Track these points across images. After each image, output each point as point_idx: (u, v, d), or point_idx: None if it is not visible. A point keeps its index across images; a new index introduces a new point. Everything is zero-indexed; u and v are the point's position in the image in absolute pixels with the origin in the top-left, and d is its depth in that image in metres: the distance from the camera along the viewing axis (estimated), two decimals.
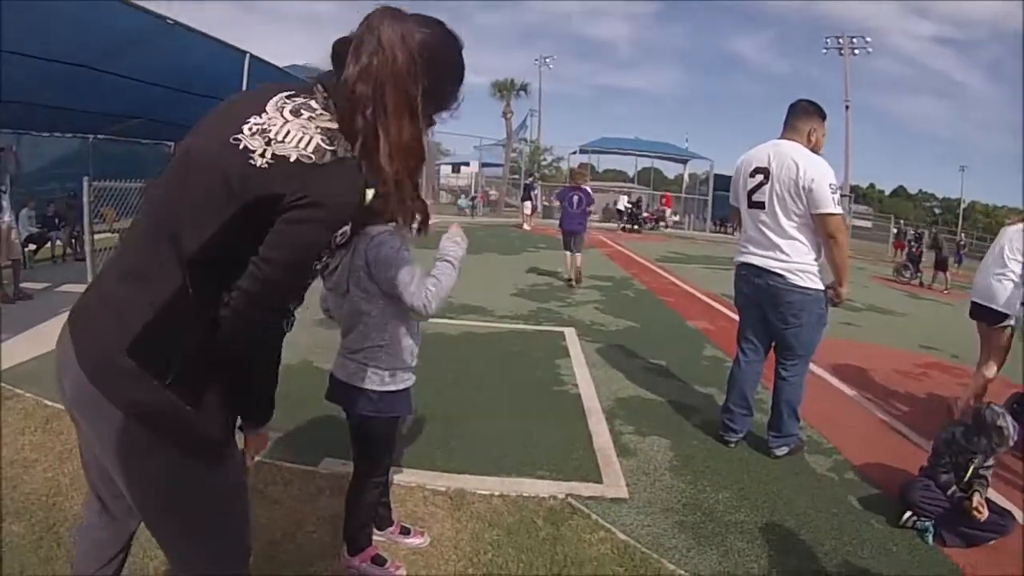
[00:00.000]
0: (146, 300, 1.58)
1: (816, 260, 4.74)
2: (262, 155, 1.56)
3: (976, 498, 3.86)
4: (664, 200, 39.17)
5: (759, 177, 4.78)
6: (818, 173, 4.55)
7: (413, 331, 3.00)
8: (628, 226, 33.80)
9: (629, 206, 35.74)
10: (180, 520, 1.77)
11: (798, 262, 4.68)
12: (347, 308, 2.94)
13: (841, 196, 4.77)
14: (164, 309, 1.57)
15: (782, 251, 4.71)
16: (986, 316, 6.02)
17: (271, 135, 1.58)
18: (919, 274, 22.44)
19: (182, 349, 1.60)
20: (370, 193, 2.82)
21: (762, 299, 4.86)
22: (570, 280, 13.03)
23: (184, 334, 1.60)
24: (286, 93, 1.71)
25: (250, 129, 1.60)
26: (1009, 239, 5.89)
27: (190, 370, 1.61)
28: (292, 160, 1.56)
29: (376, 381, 2.92)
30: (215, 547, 1.83)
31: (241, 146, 1.57)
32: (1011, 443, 4.10)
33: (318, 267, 1.69)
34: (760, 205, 4.79)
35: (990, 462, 4.12)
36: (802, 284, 4.68)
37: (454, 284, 2.88)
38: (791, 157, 4.64)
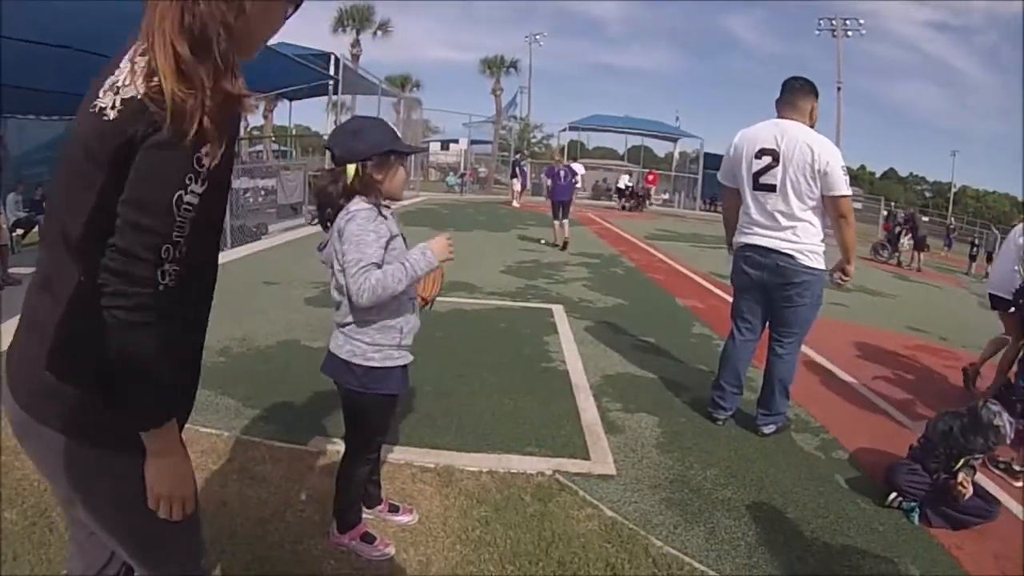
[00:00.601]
0: (55, 309, 1.52)
1: (823, 241, 4.77)
2: (113, 107, 1.44)
3: (961, 475, 3.89)
4: (649, 177, 38.90)
5: (767, 159, 4.75)
6: (832, 156, 4.58)
7: (404, 309, 2.97)
8: (628, 205, 33.79)
9: (630, 185, 35.70)
10: (141, 528, 1.67)
11: (807, 243, 4.71)
12: (335, 282, 2.93)
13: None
14: (68, 312, 1.51)
15: (793, 232, 4.71)
16: (1003, 304, 6.27)
17: (119, 84, 1.45)
18: (896, 254, 22.58)
19: (100, 347, 1.45)
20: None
21: (768, 279, 4.85)
22: (557, 244, 14.48)
23: (96, 331, 1.44)
24: (140, 43, 1.50)
25: (104, 90, 1.48)
26: None
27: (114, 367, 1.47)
28: (139, 97, 1.40)
29: (360, 356, 2.90)
30: (174, 547, 1.75)
31: (96, 109, 1.45)
32: (1007, 441, 4.13)
33: (190, 201, 1.41)
34: (769, 188, 4.76)
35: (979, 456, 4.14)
36: (811, 265, 4.72)
37: (400, 290, 2.77)
38: (804, 141, 4.63)
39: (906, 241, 22.46)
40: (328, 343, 3.05)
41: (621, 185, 36.09)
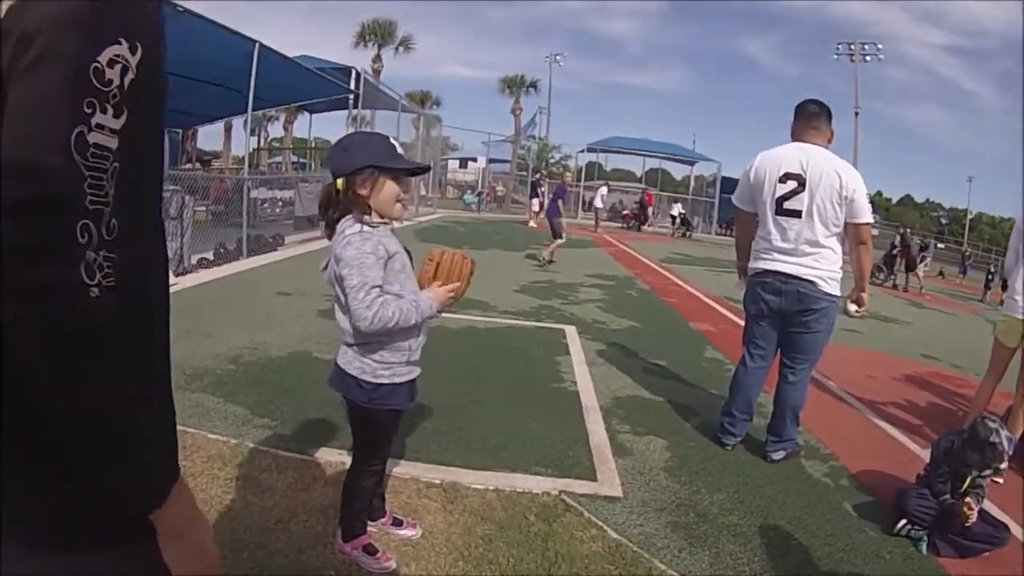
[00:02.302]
0: None
1: (841, 268, 4.77)
2: None
3: (967, 501, 3.85)
4: (645, 198, 38.65)
5: (792, 184, 4.71)
6: (858, 184, 4.59)
7: (413, 330, 2.99)
8: (683, 232, 33.97)
9: (683, 212, 35.71)
10: None
11: (828, 270, 4.70)
12: (339, 301, 2.96)
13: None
14: None
15: (815, 259, 4.69)
16: None
17: None
18: (892, 276, 22.60)
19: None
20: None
21: (787, 306, 4.80)
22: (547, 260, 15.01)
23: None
24: None
25: None
26: None
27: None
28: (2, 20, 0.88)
29: (370, 373, 2.92)
30: None
31: None
32: (1005, 459, 4.08)
33: (101, 143, 0.85)
34: (794, 213, 4.71)
35: (987, 473, 4.10)
36: (830, 292, 4.70)
37: (401, 327, 2.82)
38: (832, 168, 4.61)
39: (902, 264, 22.54)
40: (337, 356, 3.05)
41: (674, 213, 36.12)
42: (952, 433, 4.32)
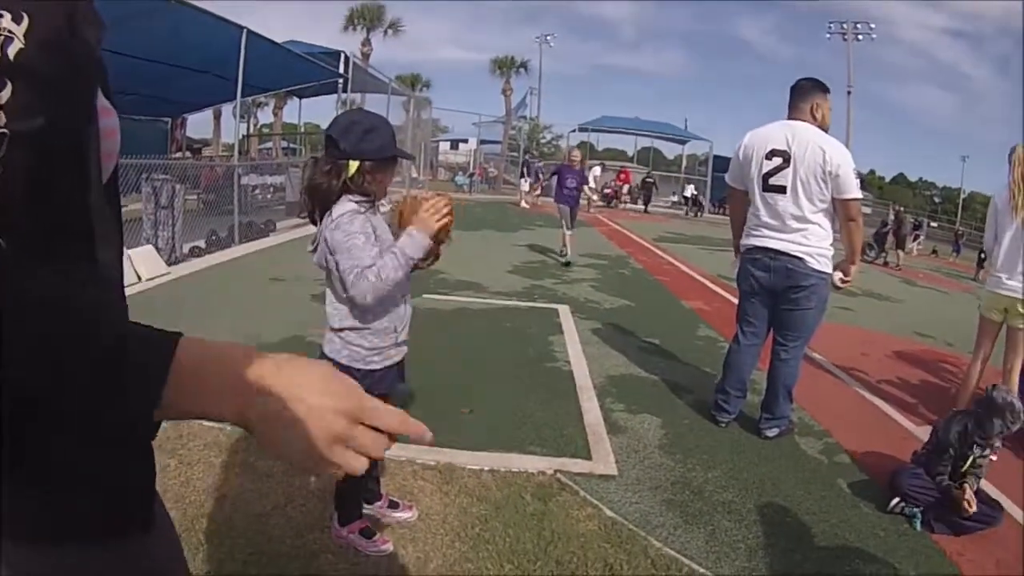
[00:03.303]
0: None
1: (831, 245, 4.77)
2: None
3: (968, 491, 3.86)
4: (621, 176, 38.37)
5: (777, 160, 4.72)
6: (843, 159, 4.57)
7: (397, 306, 2.98)
8: (695, 212, 34.03)
9: (695, 193, 35.70)
10: None
11: (817, 246, 4.69)
12: (328, 285, 2.97)
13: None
14: None
15: (803, 235, 4.70)
16: None
17: None
18: (883, 254, 22.68)
19: None
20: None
21: (776, 282, 4.82)
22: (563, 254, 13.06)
23: None
24: None
25: None
26: None
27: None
28: None
29: (360, 360, 2.91)
30: None
31: None
32: (1022, 418, 4.09)
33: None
34: (779, 189, 4.73)
35: (988, 452, 4.11)
36: (819, 268, 4.70)
37: (400, 277, 2.76)
38: (815, 142, 4.61)
39: (892, 240, 22.63)
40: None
41: (687, 194, 36.12)
42: (959, 415, 4.27)
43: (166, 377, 0.84)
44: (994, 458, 4.18)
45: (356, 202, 2.78)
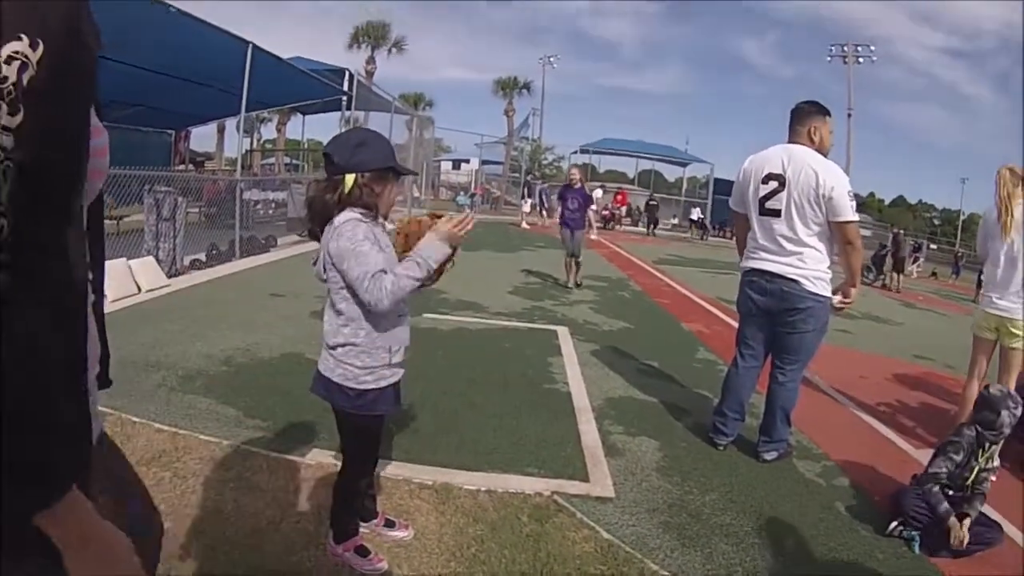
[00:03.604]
0: None
1: (829, 268, 4.77)
2: None
3: (964, 527, 3.84)
4: (618, 197, 38.28)
5: (773, 184, 4.74)
6: (837, 181, 4.56)
7: (394, 327, 2.95)
8: (700, 235, 34.15)
9: (701, 217, 35.76)
10: None
11: (814, 269, 4.69)
12: (329, 301, 2.94)
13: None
14: None
15: (799, 258, 4.70)
16: None
17: None
18: (881, 276, 22.75)
19: None
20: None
21: (773, 305, 4.82)
22: (568, 283, 12.71)
23: None
24: None
25: None
26: None
27: None
28: None
29: (353, 380, 2.89)
30: None
31: None
32: (1020, 408, 4.09)
33: None
34: (775, 213, 4.74)
35: (997, 447, 4.12)
36: (816, 291, 4.69)
37: (415, 286, 2.75)
38: (809, 165, 4.62)
39: (891, 263, 22.74)
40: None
41: (694, 217, 36.28)
42: (962, 428, 4.26)
43: None
44: (994, 479, 4.18)
45: (360, 213, 2.77)
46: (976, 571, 3.82)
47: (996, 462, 4.18)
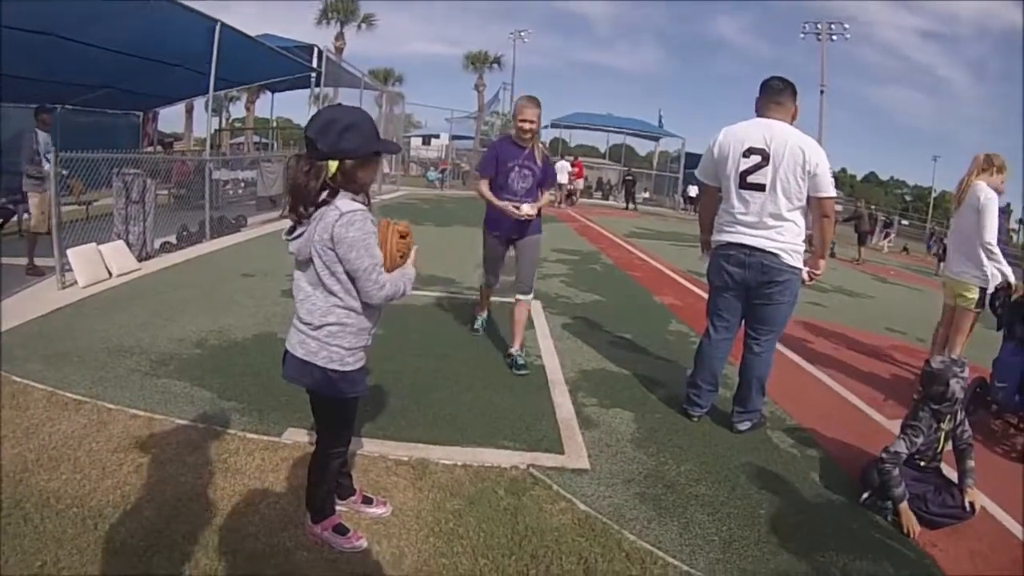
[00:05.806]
0: None
1: (804, 241, 4.82)
2: None
3: (910, 517, 3.91)
4: (574, 170, 36.56)
5: (756, 158, 4.73)
6: (821, 158, 4.62)
7: (376, 308, 2.96)
8: (694, 209, 34.11)
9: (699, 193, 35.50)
10: None
11: (791, 242, 4.74)
12: (307, 278, 2.89)
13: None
14: None
15: (779, 232, 4.73)
16: None
17: None
18: (833, 244, 23.19)
19: None
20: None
21: (751, 278, 4.84)
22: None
23: None
24: None
25: None
26: None
27: None
28: None
29: (338, 362, 2.88)
30: None
31: None
32: (965, 370, 4.14)
33: None
34: (758, 187, 4.74)
35: (960, 418, 4.21)
36: (793, 264, 4.75)
37: (400, 294, 2.93)
38: (796, 143, 4.63)
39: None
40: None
41: (692, 193, 35.94)
42: (917, 409, 4.25)
43: None
44: (968, 429, 4.26)
45: (359, 202, 2.79)
46: (949, 540, 3.89)
47: (962, 415, 4.23)
